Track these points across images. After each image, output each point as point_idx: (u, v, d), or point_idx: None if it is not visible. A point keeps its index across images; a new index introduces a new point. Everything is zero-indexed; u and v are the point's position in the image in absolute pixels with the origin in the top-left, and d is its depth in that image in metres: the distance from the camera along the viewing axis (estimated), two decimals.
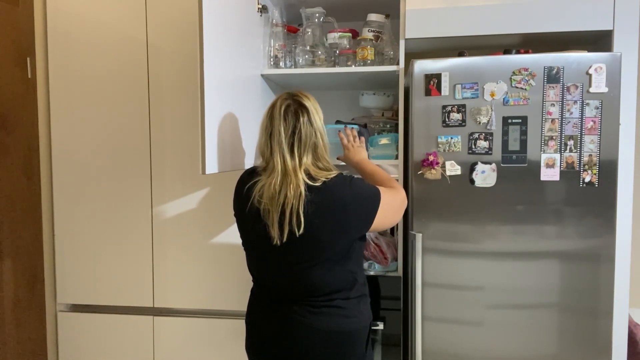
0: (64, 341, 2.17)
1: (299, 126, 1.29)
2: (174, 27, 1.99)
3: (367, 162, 1.66)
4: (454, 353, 1.68)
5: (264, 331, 1.41)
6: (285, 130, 1.29)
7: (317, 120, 1.33)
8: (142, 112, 2.05)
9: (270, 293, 1.40)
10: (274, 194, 1.26)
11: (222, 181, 2.00)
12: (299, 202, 1.24)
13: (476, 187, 1.63)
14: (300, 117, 1.30)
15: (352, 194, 1.30)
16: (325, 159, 1.35)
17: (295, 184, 1.25)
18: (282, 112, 1.31)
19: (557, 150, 1.59)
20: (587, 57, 1.57)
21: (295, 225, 1.25)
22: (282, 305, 1.36)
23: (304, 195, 1.25)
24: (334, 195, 1.28)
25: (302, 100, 1.33)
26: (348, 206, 1.29)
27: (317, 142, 1.32)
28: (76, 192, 2.11)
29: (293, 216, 1.24)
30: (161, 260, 2.08)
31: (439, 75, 1.63)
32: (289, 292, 1.36)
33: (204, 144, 1.38)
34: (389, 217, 1.38)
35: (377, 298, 1.81)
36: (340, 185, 1.30)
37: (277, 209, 1.26)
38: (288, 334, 1.35)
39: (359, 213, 1.31)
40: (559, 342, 1.63)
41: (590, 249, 1.61)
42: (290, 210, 1.24)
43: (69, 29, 2.06)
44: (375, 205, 1.33)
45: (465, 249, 1.66)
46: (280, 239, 1.26)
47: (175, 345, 2.09)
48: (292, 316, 1.34)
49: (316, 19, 1.95)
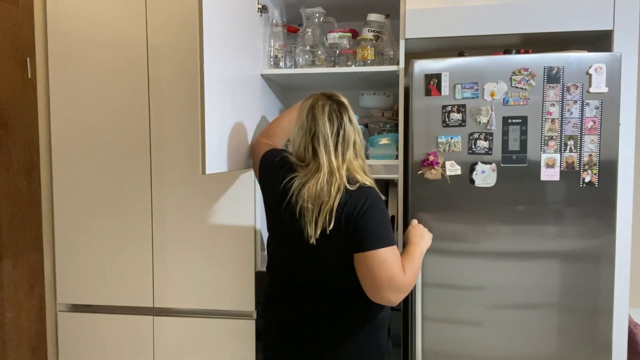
0: (64, 341, 2.17)
1: (344, 125, 1.34)
2: (174, 27, 1.99)
3: (415, 246, 1.49)
4: (454, 353, 1.68)
5: (288, 319, 1.42)
6: (330, 130, 1.33)
7: (354, 118, 1.39)
8: (142, 112, 2.04)
9: (293, 284, 1.42)
10: (320, 193, 1.28)
11: (222, 181, 2.00)
12: (335, 200, 1.27)
13: (476, 187, 1.63)
14: (344, 116, 1.35)
15: (362, 215, 1.27)
16: (361, 155, 1.39)
17: (338, 183, 1.29)
18: (325, 112, 1.34)
19: (557, 150, 1.60)
20: (587, 57, 1.57)
21: (327, 222, 1.27)
22: (308, 296, 1.39)
23: (342, 194, 1.27)
24: (358, 203, 1.28)
25: (341, 99, 1.38)
26: (354, 222, 1.28)
27: (356, 140, 1.37)
28: (76, 192, 2.11)
29: (327, 214, 1.27)
30: (161, 260, 2.08)
31: (439, 75, 1.63)
32: (315, 285, 1.37)
33: (204, 144, 1.38)
34: (368, 267, 1.26)
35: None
36: (363, 198, 1.29)
37: (317, 207, 1.28)
38: (313, 319, 1.37)
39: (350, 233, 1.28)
40: (559, 342, 1.63)
41: (590, 249, 1.61)
42: (327, 207, 1.27)
43: (69, 28, 2.06)
44: (367, 243, 1.26)
45: (465, 249, 1.66)
46: (315, 236, 1.28)
47: (175, 345, 2.09)
48: (318, 304, 1.37)
49: (316, 19, 1.95)
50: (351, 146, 1.35)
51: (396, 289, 1.25)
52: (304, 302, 1.40)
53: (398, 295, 1.26)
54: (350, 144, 1.34)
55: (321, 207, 1.27)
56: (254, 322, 2.00)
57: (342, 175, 1.30)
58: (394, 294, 1.25)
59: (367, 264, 1.25)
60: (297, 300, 1.41)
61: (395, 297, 1.26)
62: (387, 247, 1.25)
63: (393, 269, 1.24)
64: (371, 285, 1.26)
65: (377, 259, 1.24)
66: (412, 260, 1.37)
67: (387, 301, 1.26)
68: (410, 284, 1.29)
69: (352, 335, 1.35)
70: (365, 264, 1.25)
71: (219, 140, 1.47)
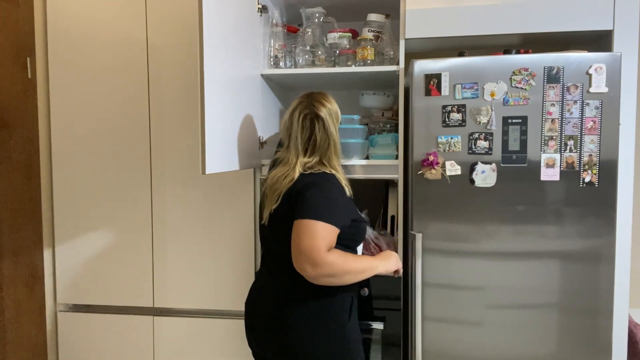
0: (64, 341, 2.17)
1: (315, 132, 1.45)
2: (174, 27, 1.99)
3: (372, 258, 1.51)
4: (454, 353, 1.68)
5: (253, 300, 1.52)
6: (302, 136, 1.46)
7: (331, 126, 1.47)
8: (142, 112, 2.05)
9: (263, 263, 1.56)
10: (275, 182, 1.44)
11: (222, 181, 2.00)
12: (287, 187, 1.40)
13: (476, 187, 1.63)
14: (317, 125, 1.45)
15: (302, 189, 1.38)
16: (330, 158, 1.47)
17: (292, 175, 1.42)
18: (300, 120, 1.46)
19: (557, 150, 1.60)
20: (587, 57, 1.57)
21: (273, 202, 1.42)
22: (269, 274, 1.50)
23: (294, 181, 1.40)
24: (303, 182, 1.40)
25: (319, 111, 1.46)
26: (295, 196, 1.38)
27: (330, 146, 1.47)
28: (76, 192, 2.11)
29: (277, 196, 1.42)
30: (161, 260, 2.08)
31: (439, 75, 1.63)
32: (274, 262, 1.49)
33: (204, 144, 1.38)
34: (298, 233, 1.31)
35: (378, 298, 1.81)
36: (311, 178, 1.41)
37: (272, 194, 1.43)
38: (272, 300, 1.44)
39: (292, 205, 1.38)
40: (559, 342, 1.63)
41: (590, 249, 1.61)
42: (277, 193, 1.42)
43: (69, 28, 2.06)
44: (300, 212, 1.33)
45: (465, 249, 1.66)
46: (266, 219, 1.46)
47: (175, 345, 2.09)
48: (276, 284, 1.46)
49: (316, 19, 1.95)
50: (320, 151, 1.46)
51: (312, 261, 1.26)
52: (263, 281, 1.52)
53: (313, 269, 1.26)
54: (319, 148, 1.46)
55: (274, 193, 1.43)
56: None
57: (298, 169, 1.42)
58: (308, 265, 1.26)
59: (296, 231, 1.31)
60: (260, 279, 1.55)
61: (310, 270, 1.26)
62: (318, 221, 1.30)
63: (317, 241, 1.27)
64: (294, 251, 1.30)
65: (305, 227, 1.29)
66: (352, 256, 1.40)
67: (302, 270, 1.28)
68: (329, 266, 1.27)
69: (299, 313, 1.40)
70: (295, 231, 1.31)
71: (218, 140, 1.47)
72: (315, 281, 1.29)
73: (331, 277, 1.29)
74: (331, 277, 1.29)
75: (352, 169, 1.84)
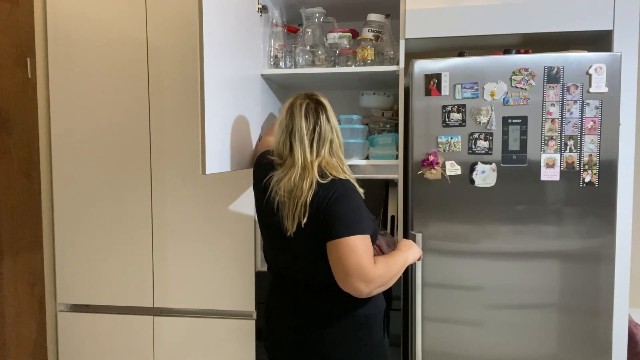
0: (64, 341, 2.17)
1: (320, 122, 1.38)
2: (174, 27, 1.99)
3: (400, 252, 1.49)
4: (454, 353, 1.68)
5: (280, 319, 1.45)
6: (306, 127, 1.37)
7: (333, 118, 1.42)
8: (142, 112, 2.05)
9: (286, 281, 1.45)
10: (293, 187, 1.33)
11: (222, 181, 2.00)
12: (309, 194, 1.30)
13: (476, 187, 1.63)
14: (321, 114, 1.39)
15: (329, 205, 1.30)
16: (338, 155, 1.42)
17: (311, 178, 1.32)
18: (302, 110, 1.38)
19: (557, 150, 1.60)
20: (587, 57, 1.57)
21: (302, 215, 1.30)
22: (299, 293, 1.41)
23: (314, 187, 1.31)
24: (328, 193, 1.31)
25: (320, 99, 1.42)
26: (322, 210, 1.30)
27: (333, 139, 1.41)
28: (76, 192, 2.11)
29: (302, 207, 1.30)
30: (161, 260, 2.08)
31: (439, 75, 1.63)
32: (302, 280, 1.40)
33: (204, 144, 1.38)
34: (338, 254, 1.27)
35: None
36: (334, 189, 1.32)
37: (293, 202, 1.32)
38: (304, 320, 1.39)
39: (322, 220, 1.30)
40: (559, 342, 1.63)
41: (590, 249, 1.61)
42: (302, 201, 1.31)
43: (69, 28, 2.06)
44: (334, 232, 1.28)
45: (465, 249, 1.66)
46: (292, 229, 1.32)
47: (175, 345, 2.09)
48: (308, 303, 1.39)
49: (316, 19, 1.95)
50: (327, 144, 1.39)
51: (365, 278, 1.24)
52: (289, 297, 1.43)
53: (367, 285, 1.25)
54: (326, 141, 1.39)
55: (297, 202, 1.31)
56: (254, 322, 2.00)
57: (314, 170, 1.33)
58: (362, 284, 1.25)
59: (337, 251, 1.27)
60: (283, 294, 1.46)
61: (364, 287, 1.25)
62: (357, 235, 1.27)
63: (362, 257, 1.25)
64: (340, 273, 1.27)
65: (346, 245, 1.26)
66: (390, 258, 1.38)
67: (355, 290, 1.26)
68: (380, 278, 1.27)
69: (333, 330, 1.36)
70: (335, 251, 1.27)
71: (218, 140, 1.47)
72: (368, 295, 1.29)
73: (382, 287, 1.31)
74: (382, 287, 1.31)
75: (353, 169, 1.84)
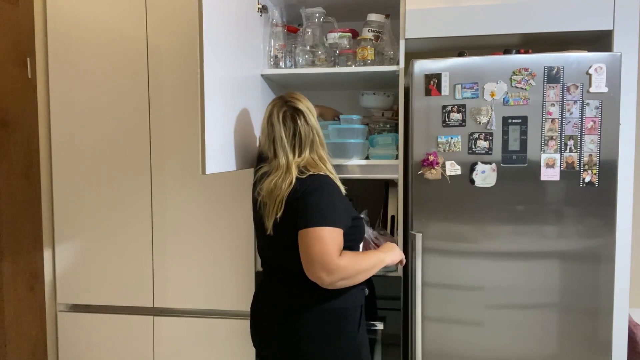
0: (64, 341, 2.17)
1: (298, 128, 1.44)
2: (174, 27, 1.99)
3: (376, 252, 1.51)
4: (454, 353, 1.68)
5: (259, 311, 1.51)
6: (286, 134, 1.44)
7: (312, 118, 1.47)
8: (142, 112, 2.05)
9: (268, 274, 1.53)
10: (273, 189, 1.40)
11: (222, 181, 2.00)
12: (287, 192, 1.37)
13: (476, 187, 1.63)
14: (298, 120, 1.45)
15: (302, 196, 1.35)
16: (319, 152, 1.47)
17: (290, 178, 1.39)
18: (280, 118, 1.45)
19: (557, 150, 1.60)
20: (587, 57, 1.57)
21: (278, 210, 1.37)
22: (276, 285, 1.48)
23: (293, 184, 1.38)
24: (303, 186, 1.37)
25: (297, 105, 1.46)
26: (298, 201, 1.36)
27: (314, 139, 1.47)
28: (76, 192, 2.11)
29: (279, 204, 1.38)
30: (161, 261, 2.08)
31: (439, 75, 1.63)
32: (281, 272, 1.46)
33: (204, 144, 1.38)
34: (304, 243, 1.30)
35: (378, 298, 1.81)
36: (310, 182, 1.38)
37: (272, 201, 1.39)
38: (282, 312, 1.42)
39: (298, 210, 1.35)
40: (559, 342, 1.63)
41: (590, 249, 1.61)
42: (279, 199, 1.38)
43: (69, 29, 2.06)
44: (305, 221, 1.32)
45: (465, 249, 1.66)
46: (270, 229, 1.40)
47: (175, 345, 2.09)
48: (284, 296, 1.44)
49: (316, 19, 1.95)
50: (308, 145, 1.46)
51: (326, 267, 1.26)
52: (269, 287, 1.50)
53: (328, 275, 1.27)
54: (307, 142, 1.45)
55: (275, 200, 1.39)
56: None
57: (294, 170, 1.40)
58: (324, 273, 1.27)
59: (304, 240, 1.30)
60: (265, 285, 1.52)
61: (326, 276, 1.27)
62: (326, 227, 1.30)
63: (327, 247, 1.27)
64: (305, 261, 1.30)
65: (313, 235, 1.29)
66: (360, 254, 1.41)
67: (318, 279, 1.28)
68: (342, 270, 1.28)
69: (306, 321, 1.39)
70: (302, 240, 1.31)
71: (219, 140, 1.47)
72: (331, 287, 1.30)
73: (346, 280, 1.31)
74: (346, 280, 1.31)
75: (352, 169, 1.84)
